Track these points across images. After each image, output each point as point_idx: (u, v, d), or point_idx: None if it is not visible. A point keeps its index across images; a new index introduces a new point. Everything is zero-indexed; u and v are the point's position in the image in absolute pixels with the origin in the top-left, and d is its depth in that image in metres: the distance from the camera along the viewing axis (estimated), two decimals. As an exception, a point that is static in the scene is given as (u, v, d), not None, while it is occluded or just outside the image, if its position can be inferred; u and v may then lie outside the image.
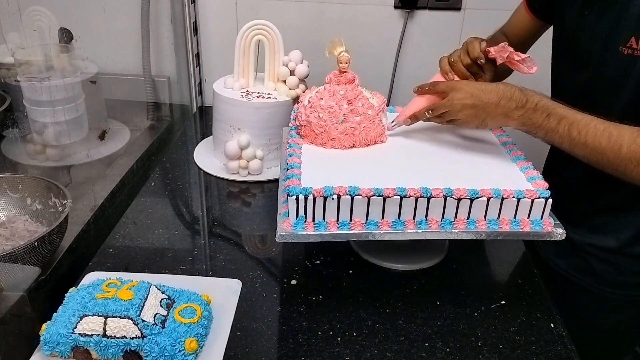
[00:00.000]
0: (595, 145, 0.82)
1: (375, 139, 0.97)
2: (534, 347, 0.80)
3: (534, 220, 0.83)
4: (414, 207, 0.81)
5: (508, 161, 0.94)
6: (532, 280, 0.94)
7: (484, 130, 1.02)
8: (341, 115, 0.94)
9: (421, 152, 0.97)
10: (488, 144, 1.01)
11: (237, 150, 1.18)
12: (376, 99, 0.99)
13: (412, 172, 0.88)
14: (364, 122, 0.95)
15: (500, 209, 0.82)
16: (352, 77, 0.97)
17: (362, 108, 0.95)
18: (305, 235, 0.80)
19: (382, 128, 0.98)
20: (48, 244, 0.85)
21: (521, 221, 0.83)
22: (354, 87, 0.97)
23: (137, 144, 1.37)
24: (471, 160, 0.94)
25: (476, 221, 0.83)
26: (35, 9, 1.21)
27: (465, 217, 0.83)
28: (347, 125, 0.95)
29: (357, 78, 0.98)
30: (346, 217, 0.81)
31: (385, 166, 0.91)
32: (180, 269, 0.93)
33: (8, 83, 1.25)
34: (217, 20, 1.52)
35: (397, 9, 1.47)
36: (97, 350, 0.71)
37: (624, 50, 0.86)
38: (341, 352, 0.78)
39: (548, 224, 0.84)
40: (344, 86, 0.96)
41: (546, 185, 0.84)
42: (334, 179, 0.82)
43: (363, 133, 0.96)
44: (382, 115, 0.98)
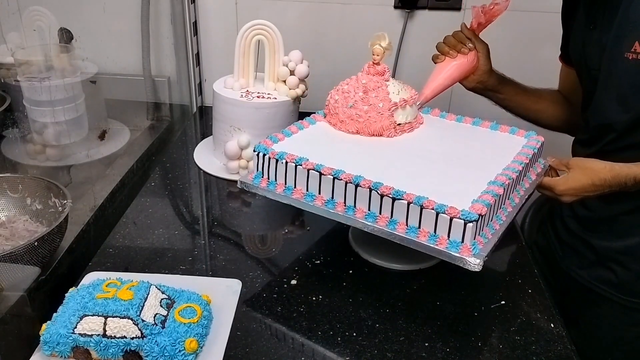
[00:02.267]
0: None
1: (381, 132, 0.98)
2: (534, 347, 0.80)
3: (452, 241, 0.76)
4: (343, 192, 0.84)
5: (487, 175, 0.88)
6: (532, 280, 0.94)
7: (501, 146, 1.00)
8: (352, 100, 0.98)
9: (418, 156, 0.94)
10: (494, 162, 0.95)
11: (237, 150, 1.18)
12: (405, 93, 1.00)
13: (391, 169, 0.88)
14: (370, 112, 0.97)
15: (420, 218, 0.78)
16: (381, 69, 0.99)
17: (373, 99, 0.97)
18: (257, 187, 0.91)
19: (390, 123, 0.98)
20: (48, 244, 0.85)
21: (439, 237, 0.77)
22: (380, 79, 0.99)
23: (137, 144, 1.37)
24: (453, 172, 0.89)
25: (397, 223, 0.80)
26: (35, 9, 1.21)
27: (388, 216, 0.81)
28: (354, 111, 0.98)
29: (388, 71, 1.00)
30: (292, 184, 0.88)
31: (369, 158, 0.92)
32: (180, 269, 0.93)
33: (8, 83, 1.25)
34: (217, 20, 1.52)
35: (397, 9, 1.47)
36: (97, 350, 0.71)
37: (629, 56, 0.87)
38: (341, 352, 0.78)
39: (466, 249, 0.75)
40: (370, 76, 0.99)
41: (483, 210, 0.76)
42: (306, 152, 0.89)
43: (367, 123, 0.98)
44: (397, 111, 0.98)
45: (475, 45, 1.07)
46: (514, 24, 1.22)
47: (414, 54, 1.52)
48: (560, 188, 0.95)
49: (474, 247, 0.75)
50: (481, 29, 1.09)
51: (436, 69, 1.09)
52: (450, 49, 1.07)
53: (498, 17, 1.05)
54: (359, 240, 1.00)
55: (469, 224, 0.74)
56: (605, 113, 0.96)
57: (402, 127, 1.00)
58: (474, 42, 1.07)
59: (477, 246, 0.76)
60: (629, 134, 0.94)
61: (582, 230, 1.07)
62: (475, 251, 0.76)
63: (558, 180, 0.96)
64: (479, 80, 1.11)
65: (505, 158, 0.91)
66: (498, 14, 1.05)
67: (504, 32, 1.12)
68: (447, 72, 1.08)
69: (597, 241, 1.04)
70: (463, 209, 0.75)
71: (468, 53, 1.07)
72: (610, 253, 1.02)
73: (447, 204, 0.76)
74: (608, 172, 0.91)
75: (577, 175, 0.94)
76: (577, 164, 0.95)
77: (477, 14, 1.05)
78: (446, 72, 1.08)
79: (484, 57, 1.08)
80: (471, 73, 1.10)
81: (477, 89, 1.13)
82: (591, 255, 1.05)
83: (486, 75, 1.10)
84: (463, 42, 1.07)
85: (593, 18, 0.95)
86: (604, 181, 0.92)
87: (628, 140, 0.94)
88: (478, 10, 1.05)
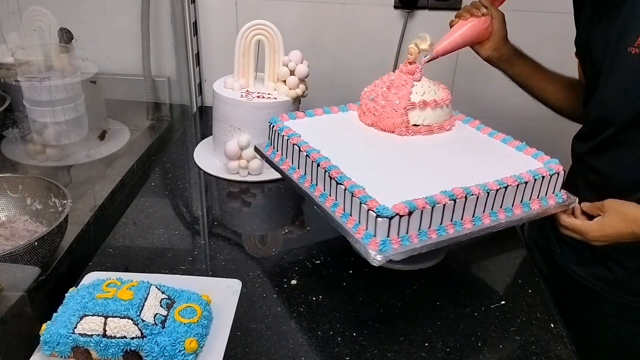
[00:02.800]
0: None
1: (392, 129, 1.00)
2: (534, 347, 0.80)
3: (367, 233, 0.78)
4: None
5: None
6: (532, 280, 0.94)
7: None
8: (374, 94, 1.02)
9: (413, 159, 0.94)
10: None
11: (237, 150, 1.18)
12: (431, 96, 1.00)
13: (376, 165, 0.91)
14: (386, 108, 1.00)
15: (350, 205, 0.81)
16: (411, 69, 1.01)
17: (392, 96, 0.99)
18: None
19: (402, 122, 0.99)
20: (48, 244, 0.85)
21: (360, 226, 0.79)
22: (409, 78, 1.00)
23: (137, 144, 1.37)
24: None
25: (337, 206, 0.84)
26: (35, 9, 1.21)
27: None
28: (373, 104, 1.02)
29: (419, 72, 1.01)
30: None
31: (364, 150, 0.97)
32: (180, 269, 0.93)
33: (8, 83, 1.25)
34: (217, 20, 1.52)
35: (397, 9, 1.47)
36: (97, 350, 0.71)
37: (632, 50, 0.87)
38: (341, 352, 0.78)
39: (374, 243, 0.76)
40: (401, 74, 1.01)
41: (403, 209, 0.76)
42: (310, 134, 0.95)
43: (381, 117, 1.01)
44: (413, 111, 0.99)
45: (491, 11, 1.08)
46: (518, 25, 1.21)
47: (414, 54, 1.52)
48: (594, 235, 0.89)
49: (383, 244, 0.76)
50: (498, 2, 1.10)
51: (450, 30, 1.10)
52: (465, 12, 1.10)
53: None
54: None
55: (380, 219, 0.75)
56: (605, 107, 0.95)
57: (418, 128, 1.00)
58: (489, 8, 1.08)
59: (389, 244, 0.76)
60: (628, 129, 0.93)
61: None
62: (384, 248, 0.76)
63: (592, 225, 0.90)
64: (494, 48, 1.11)
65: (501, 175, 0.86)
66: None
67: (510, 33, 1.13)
68: (460, 31, 1.09)
69: None
70: (384, 204, 0.76)
71: (481, 16, 1.08)
72: (606, 251, 1.01)
73: (381, 199, 0.77)
74: (629, 236, 0.87)
75: (613, 222, 0.88)
76: (614, 208, 0.89)
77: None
78: (459, 32, 1.09)
79: (499, 23, 1.09)
80: (485, 38, 1.10)
81: (492, 58, 1.12)
82: (588, 253, 1.04)
83: (501, 42, 1.10)
84: (477, 7, 1.09)
85: (599, 12, 0.95)
86: (620, 240, 0.88)
87: (627, 135, 0.94)
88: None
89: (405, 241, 0.78)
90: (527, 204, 0.88)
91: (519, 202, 0.87)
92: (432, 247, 0.80)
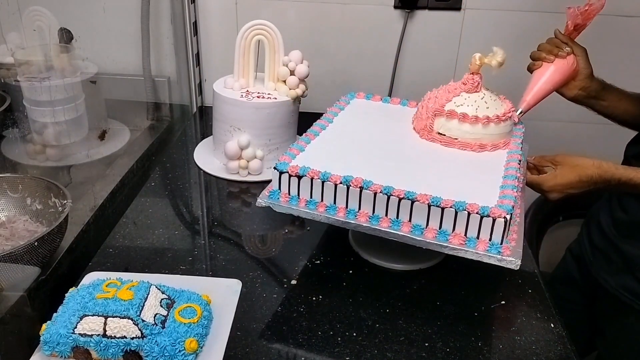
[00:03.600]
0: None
1: (419, 130, 1.02)
2: (534, 347, 0.80)
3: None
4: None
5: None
6: (532, 280, 0.94)
7: None
8: (429, 95, 1.03)
9: (441, 159, 0.95)
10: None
11: (237, 150, 1.18)
12: (474, 110, 0.96)
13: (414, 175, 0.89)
14: (422, 110, 1.01)
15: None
16: (466, 79, 0.99)
17: (433, 99, 0.99)
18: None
19: (426, 126, 1.00)
20: (48, 244, 0.85)
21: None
22: (462, 86, 0.99)
23: (137, 144, 1.37)
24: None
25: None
26: (35, 9, 1.21)
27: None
28: (420, 104, 1.04)
29: (471, 84, 0.98)
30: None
31: (385, 150, 0.97)
32: (180, 269, 0.93)
33: (8, 83, 1.25)
34: (217, 20, 1.52)
35: (397, 9, 1.47)
36: (97, 350, 0.71)
37: None
38: (341, 352, 0.78)
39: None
40: (459, 83, 1.00)
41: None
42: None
43: (417, 117, 1.04)
44: (439, 119, 0.98)
45: (573, 48, 1.03)
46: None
47: (414, 54, 1.52)
48: (549, 184, 0.95)
49: (272, 193, 0.87)
50: (576, 34, 1.05)
51: (534, 76, 1.05)
52: (547, 54, 1.03)
53: (592, 19, 1.01)
54: (359, 241, 1.00)
55: (274, 170, 0.86)
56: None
57: (440, 137, 0.99)
58: (570, 45, 1.03)
59: (277, 195, 0.87)
60: None
61: (615, 234, 1.06)
62: (271, 196, 0.87)
63: (546, 177, 0.96)
64: (581, 87, 1.06)
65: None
66: (593, 15, 1.01)
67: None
68: (547, 77, 1.03)
69: (627, 247, 1.03)
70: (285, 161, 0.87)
71: (566, 56, 1.03)
72: (638, 261, 1.01)
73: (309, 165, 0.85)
74: (595, 169, 0.92)
75: (564, 172, 0.94)
76: (565, 161, 0.94)
77: (574, 15, 1.01)
78: (546, 76, 1.03)
79: (584, 61, 1.04)
80: (572, 78, 1.05)
81: (579, 97, 1.08)
82: (620, 262, 1.04)
83: (588, 80, 1.05)
84: (559, 46, 1.03)
85: None
86: (590, 178, 0.92)
87: None
88: (575, 11, 1.01)
89: (292, 201, 0.87)
90: (444, 233, 0.81)
91: (435, 225, 0.81)
92: (314, 218, 0.86)
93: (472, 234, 0.79)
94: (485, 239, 0.79)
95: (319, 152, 0.95)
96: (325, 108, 1.11)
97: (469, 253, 0.79)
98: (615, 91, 1.10)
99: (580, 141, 1.51)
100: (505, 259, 0.77)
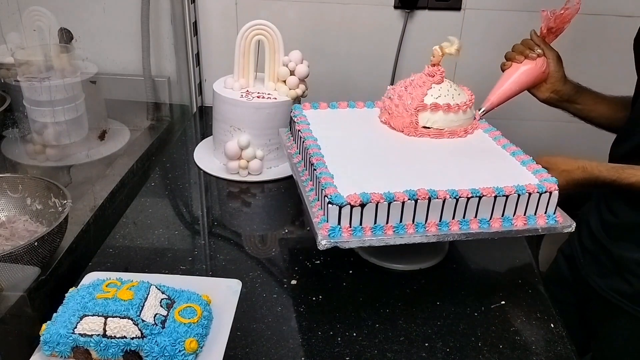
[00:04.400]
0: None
1: (402, 128, 1.01)
2: (534, 347, 0.80)
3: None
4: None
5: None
6: (532, 280, 0.94)
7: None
8: (392, 92, 1.03)
9: (433, 154, 0.95)
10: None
11: (237, 150, 1.18)
12: (450, 99, 0.98)
13: (416, 174, 0.88)
14: (400, 108, 1.00)
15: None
16: (432, 71, 1.00)
17: (407, 96, 0.99)
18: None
19: (411, 122, 0.99)
20: (48, 244, 0.85)
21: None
22: (429, 79, 0.99)
23: (137, 144, 1.37)
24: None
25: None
26: (35, 9, 1.21)
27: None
28: (389, 103, 1.03)
29: (439, 74, 0.99)
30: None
31: (370, 148, 0.97)
32: (180, 269, 0.93)
33: (8, 83, 1.25)
34: (217, 20, 1.52)
35: (397, 9, 1.47)
36: (97, 350, 0.71)
37: None
38: (341, 352, 0.78)
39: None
40: (423, 75, 1.00)
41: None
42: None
43: (393, 116, 1.02)
44: (424, 113, 0.98)
45: (545, 51, 1.04)
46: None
47: (414, 54, 1.52)
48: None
49: (332, 231, 0.79)
50: (552, 37, 1.05)
51: (503, 76, 1.06)
52: (518, 54, 1.04)
53: (569, 23, 1.02)
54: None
55: (331, 206, 0.78)
56: None
57: (428, 131, 0.99)
58: (542, 48, 1.04)
59: (338, 232, 0.80)
60: None
61: (605, 236, 1.05)
62: (332, 235, 0.79)
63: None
64: (553, 90, 1.06)
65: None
66: (569, 20, 1.01)
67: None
68: (515, 77, 1.04)
69: (616, 249, 1.02)
70: (339, 193, 0.79)
71: (536, 58, 1.03)
72: (628, 263, 1.01)
73: (343, 189, 0.79)
74: (581, 173, 0.92)
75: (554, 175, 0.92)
76: (551, 165, 0.93)
77: (547, 19, 1.02)
78: (513, 77, 1.04)
79: (555, 64, 1.04)
80: (542, 80, 1.06)
81: (551, 100, 1.08)
82: (609, 264, 1.04)
83: (559, 83, 1.06)
84: (531, 47, 1.04)
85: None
86: (576, 182, 0.92)
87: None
88: (547, 15, 1.02)
89: (357, 232, 0.80)
90: (508, 219, 0.84)
91: (498, 215, 0.84)
92: (388, 243, 0.81)
93: (530, 213, 0.85)
94: (541, 213, 0.85)
95: (342, 172, 0.86)
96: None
97: (532, 230, 0.85)
98: (590, 94, 1.10)
99: (564, 140, 1.51)
100: (564, 225, 0.85)
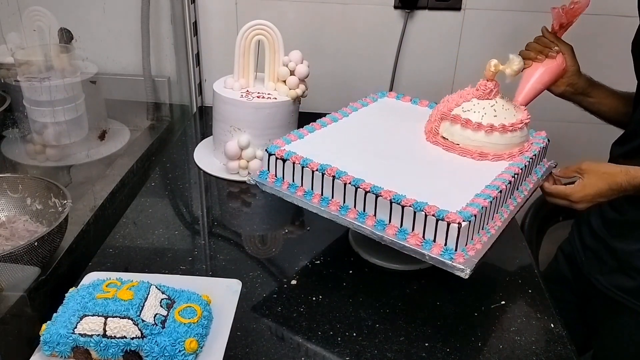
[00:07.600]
0: None
1: (427, 132, 1.01)
2: (534, 347, 0.80)
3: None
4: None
5: None
6: (532, 280, 0.94)
7: None
8: (442, 99, 1.01)
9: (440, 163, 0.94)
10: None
11: (237, 150, 1.18)
12: (480, 117, 0.93)
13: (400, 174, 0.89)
14: (434, 112, 1.00)
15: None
16: (482, 84, 0.95)
17: (443, 103, 0.98)
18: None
19: (431, 129, 0.99)
20: (48, 244, 0.85)
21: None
22: (474, 92, 0.96)
23: (137, 144, 1.37)
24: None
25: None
26: (35, 9, 1.21)
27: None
28: (434, 111, 1.01)
29: (483, 90, 0.95)
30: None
31: (395, 160, 0.94)
32: (180, 269, 0.93)
33: (8, 83, 1.25)
34: (217, 20, 1.52)
35: (397, 9, 1.47)
36: (97, 350, 0.71)
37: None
38: (341, 352, 0.78)
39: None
40: (472, 89, 0.97)
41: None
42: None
43: (427, 121, 1.02)
44: (444, 123, 0.97)
45: (560, 47, 1.04)
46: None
47: (414, 54, 1.52)
48: (578, 195, 0.92)
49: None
50: (563, 31, 1.06)
51: (524, 76, 1.05)
52: (536, 54, 1.05)
53: (578, 17, 1.03)
54: (359, 241, 1.00)
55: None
56: None
57: (445, 142, 0.96)
58: (558, 44, 1.04)
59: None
60: None
61: (606, 233, 1.05)
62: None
63: (574, 188, 0.92)
64: (569, 83, 1.07)
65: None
66: (579, 13, 1.02)
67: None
68: (538, 77, 1.04)
69: (619, 245, 1.02)
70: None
71: (556, 56, 1.04)
72: (630, 259, 1.01)
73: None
74: (624, 176, 0.90)
75: (593, 181, 0.91)
76: (591, 169, 0.92)
77: (558, 15, 1.03)
78: (537, 77, 1.04)
79: (570, 58, 1.05)
80: (561, 76, 1.06)
81: (566, 93, 1.09)
82: (612, 261, 1.03)
83: (575, 77, 1.07)
84: (548, 46, 1.04)
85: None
86: (619, 185, 0.90)
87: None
88: (559, 11, 1.03)
89: (277, 182, 0.92)
90: (404, 232, 0.81)
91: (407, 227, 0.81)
92: (292, 201, 0.90)
93: (430, 237, 0.78)
94: (440, 243, 0.77)
95: (317, 141, 0.97)
96: (327, 108, 1.11)
97: (423, 255, 0.78)
98: (602, 88, 1.11)
99: (564, 140, 1.51)
100: (456, 266, 0.75)
